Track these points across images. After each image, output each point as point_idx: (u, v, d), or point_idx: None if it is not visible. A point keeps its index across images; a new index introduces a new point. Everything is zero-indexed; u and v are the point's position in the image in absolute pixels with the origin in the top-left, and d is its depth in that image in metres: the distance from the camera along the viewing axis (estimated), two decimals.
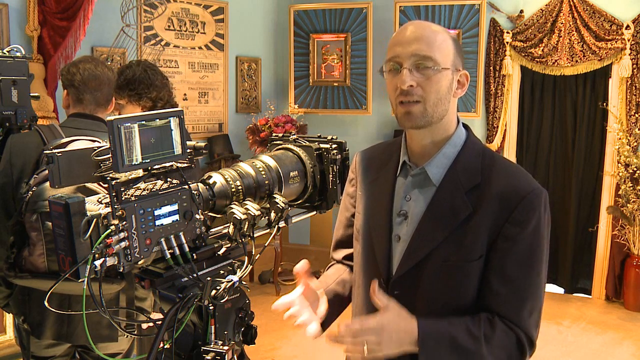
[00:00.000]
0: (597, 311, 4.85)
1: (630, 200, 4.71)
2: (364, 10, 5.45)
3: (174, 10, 4.96)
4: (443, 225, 1.32)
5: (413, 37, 1.31)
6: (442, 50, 1.30)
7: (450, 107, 1.35)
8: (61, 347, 2.15)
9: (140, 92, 2.54)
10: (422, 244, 1.33)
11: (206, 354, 1.10)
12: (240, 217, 1.13)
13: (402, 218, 1.38)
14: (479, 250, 1.30)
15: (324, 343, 1.29)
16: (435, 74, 1.29)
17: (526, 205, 1.29)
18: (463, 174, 1.34)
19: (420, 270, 1.34)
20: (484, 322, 1.29)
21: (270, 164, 1.27)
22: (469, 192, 1.32)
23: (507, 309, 1.31)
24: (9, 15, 3.81)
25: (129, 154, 0.97)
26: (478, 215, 1.30)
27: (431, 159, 1.36)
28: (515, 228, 1.29)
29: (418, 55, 1.29)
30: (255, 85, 5.80)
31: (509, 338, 1.30)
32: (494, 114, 5.18)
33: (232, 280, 1.12)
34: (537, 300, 1.33)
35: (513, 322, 1.31)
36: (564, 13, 4.85)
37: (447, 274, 1.31)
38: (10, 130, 2.38)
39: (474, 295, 1.33)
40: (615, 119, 4.81)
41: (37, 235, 1.90)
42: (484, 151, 1.39)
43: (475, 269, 1.31)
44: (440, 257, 1.31)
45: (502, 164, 1.38)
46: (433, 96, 1.30)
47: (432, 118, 1.32)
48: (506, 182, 1.32)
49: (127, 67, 2.61)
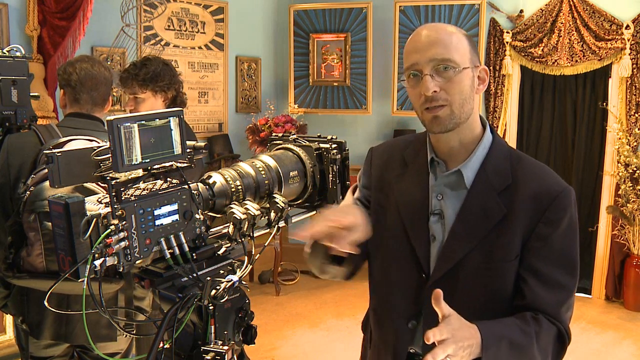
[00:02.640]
0: (597, 311, 4.85)
1: (630, 200, 4.71)
2: (363, 10, 5.45)
3: (173, 10, 4.96)
4: (478, 228, 1.33)
5: (428, 41, 1.31)
6: (460, 50, 1.30)
7: (474, 105, 1.36)
8: (60, 347, 2.15)
9: (167, 83, 2.64)
10: (457, 246, 1.35)
11: (206, 353, 1.10)
12: (240, 217, 1.13)
13: (436, 217, 1.39)
14: (514, 251, 1.32)
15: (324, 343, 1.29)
16: (456, 75, 1.30)
17: (558, 204, 1.32)
18: (494, 176, 1.35)
19: (457, 272, 1.35)
20: (531, 319, 1.30)
21: (270, 164, 1.27)
22: (501, 193, 1.34)
23: (547, 306, 1.33)
24: (8, 15, 3.81)
25: (128, 154, 0.97)
26: (512, 216, 1.32)
27: (467, 161, 1.37)
28: (549, 227, 1.31)
29: (437, 59, 1.29)
30: (255, 85, 5.80)
31: (553, 332, 1.32)
32: (494, 114, 5.19)
33: (232, 280, 1.12)
34: (572, 296, 1.36)
35: (553, 317, 1.33)
36: (563, 13, 4.85)
37: (484, 276, 1.33)
38: (10, 130, 2.37)
39: (510, 295, 1.35)
40: (615, 119, 4.81)
41: (35, 235, 1.90)
42: (510, 152, 1.41)
43: (511, 269, 1.33)
44: (477, 260, 1.33)
45: (530, 164, 1.40)
46: (458, 97, 1.31)
47: (460, 119, 1.33)
48: (537, 182, 1.34)
49: (146, 63, 2.64)
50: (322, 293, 5.11)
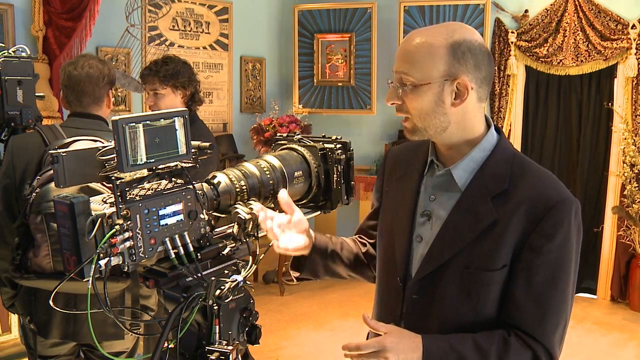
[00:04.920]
0: (602, 312, 4.83)
1: (635, 200, 4.69)
2: (368, 10, 5.45)
3: (178, 10, 4.97)
4: (466, 231, 1.28)
5: (399, 52, 1.30)
6: (423, 64, 1.26)
7: (460, 116, 1.29)
8: (66, 346, 2.15)
9: (187, 81, 2.79)
10: (444, 248, 1.31)
11: (210, 353, 1.10)
12: (245, 217, 1.13)
13: (425, 218, 1.36)
14: (502, 260, 1.26)
15: (328, 343, 1.29)
16: (412, 92, 1.27)
17: (554, 215, 1.23)
18: (490, 180, 1.30)
19: (440, 275, 1.31)
20: (497, 338, 1.25)
21: (275, 164, 1.27)
22: (494, 198, 1.28)
23: (530, 323, 1.26)
24: (14, 15, 3.83)
25: (133, 154, 0.97)
26: (503, 223, 1.25)
27: (458, 162, 1.33)
28: (542, 239, 1.23)
29: (399, 72, 1.29)
30: (260, 85, 5.81)
31: (524, 357, 1.25)
32: (499, 114, 5.17)
33: (237, 280, 1.12)
34: (563, 315, 1.28)
35: (534, 336, 1.25)
36: (569, 13, 4.84)
37: (466, 282, 1.28)
38: (16, 130, 2.38)
39: (494, 308, 1.29)
40: (621, 119, 4.79)
41: (42, 236, 1.91)
42: (514, 157, 1.34)
43: (496, 279, 1.26)
44: (461, 264, 1.28)
45: (533, 170, 1.32)
46: (416, 112, 1.28)
47: (427, 132, 1.30)
48: (535, 190, 1.27)
49: (168, 60, 2.80)
50: (327, 293, 5.11)
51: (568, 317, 1.30)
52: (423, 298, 1.33)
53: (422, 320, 1.32)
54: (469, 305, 1.29)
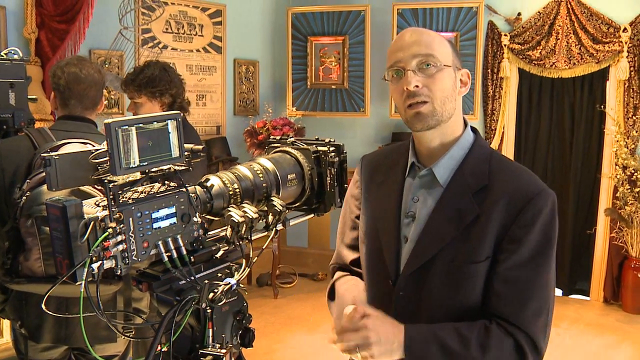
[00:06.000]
0: (595, 313, 4.85)
1: (628, 202, 4.71)
2: (361, 13, 5.46)
3: (171, 12, 4.96)
4: (450, 227, 1.32)
5: (412, 40, 1.34)
6: (441, 49, 1.33)
7: (457, 106, 1.37)
8: (57, 350, 2.14)
9: (162, 89, 2.65)
10: (429, 244, 1.34)
11: (204, 357, 1.10)
12: (238, 220, 1.13)
13: (409, 219, 1.39)
14: (485, 252, 1.30)
15: (322, 346, 1.30)
16: (438, 72, 1.32)
17: (533, 207, 1.29)
18: (470, 176, 1.35)
19: (427, 271, 1.34)
20: (479, 327, 1.28)
21: (268, 167, 1.27)
22: (476, 193, 1.33)
23: (508, 310, 1.29)
24: (6, 17, 3.81)
25: (126, 157, 0.97)
26: (485, 217, 1.30)
27: (438, 160, 1.37)
28: (522, 230, 1.29)
29: (420, 55, 1.31)
30: (253, 87, 5.80)
31: (506, 344, 1.27)
32: (492, 117, 5.19)
33: (230, 283, 1.12)
34: (544, 302, 1.31)
35: (515, 323, 1.28)
36: (561, 16, 4.86)
37: (452, 275, 1.32)
38: (8, 133, 2.37)
39: (479, 299, 1.32)
40: (613, 122, 4.81)
41: (33, 240, 1.89)
42: (491, 154, 1.41)
43: (480, 271, 1.31)
44: (447, 258, 1.32)
45: (509, 166, 1.40)
46: (439, 94, 1.32)
47: (442, 117, 1.34)
48: (513, 184, 1.33)
49: (145, 67, 2.68)
50: (320, 296, 5.08)
51: (551, 307, 1.34)
52: (410, 295, 1.36)
53: (411, 319, 1.33)
54: (455, 299, 1.33)
